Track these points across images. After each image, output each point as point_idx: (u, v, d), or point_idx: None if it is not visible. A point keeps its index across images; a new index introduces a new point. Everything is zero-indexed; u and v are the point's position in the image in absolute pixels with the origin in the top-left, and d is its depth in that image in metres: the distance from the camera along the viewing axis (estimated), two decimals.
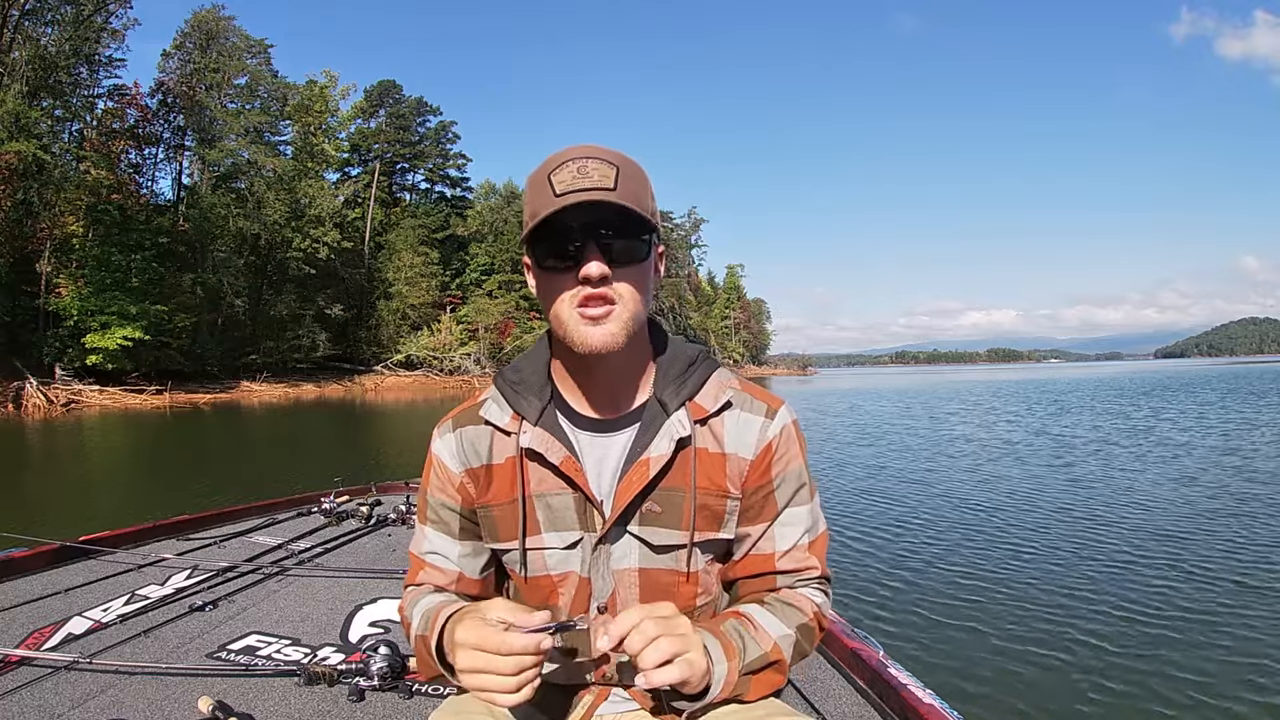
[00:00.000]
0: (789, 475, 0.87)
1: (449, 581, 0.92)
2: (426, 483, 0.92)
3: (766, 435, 0.86)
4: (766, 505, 0.87)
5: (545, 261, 0.79)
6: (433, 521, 0.92)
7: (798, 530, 0.88)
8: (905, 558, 5.03)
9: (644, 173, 0.81)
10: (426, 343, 45.41)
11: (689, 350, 0.90)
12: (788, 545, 0.87)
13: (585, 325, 0.78)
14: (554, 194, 0.75)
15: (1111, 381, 43.73)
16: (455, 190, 59.20)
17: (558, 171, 0.76)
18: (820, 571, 0.89)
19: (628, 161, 0.78)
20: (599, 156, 0.77)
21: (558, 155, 0.78)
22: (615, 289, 0.78)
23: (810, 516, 0.89)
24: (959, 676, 3.09)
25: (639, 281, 0.80)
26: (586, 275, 0.76)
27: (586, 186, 0.74)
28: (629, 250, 0.78)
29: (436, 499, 0.91)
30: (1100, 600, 4.01)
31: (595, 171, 0.75)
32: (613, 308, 0.78)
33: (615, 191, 0.75)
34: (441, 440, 0.91)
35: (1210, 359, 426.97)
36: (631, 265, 0.79)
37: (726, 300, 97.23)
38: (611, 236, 0.77)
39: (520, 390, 0.87)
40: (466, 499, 0.90)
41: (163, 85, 36.74)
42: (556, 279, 0.79)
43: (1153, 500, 6.86)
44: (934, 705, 1.44)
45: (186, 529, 3.17)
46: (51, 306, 27.86)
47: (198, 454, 12.82)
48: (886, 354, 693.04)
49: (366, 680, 1.64)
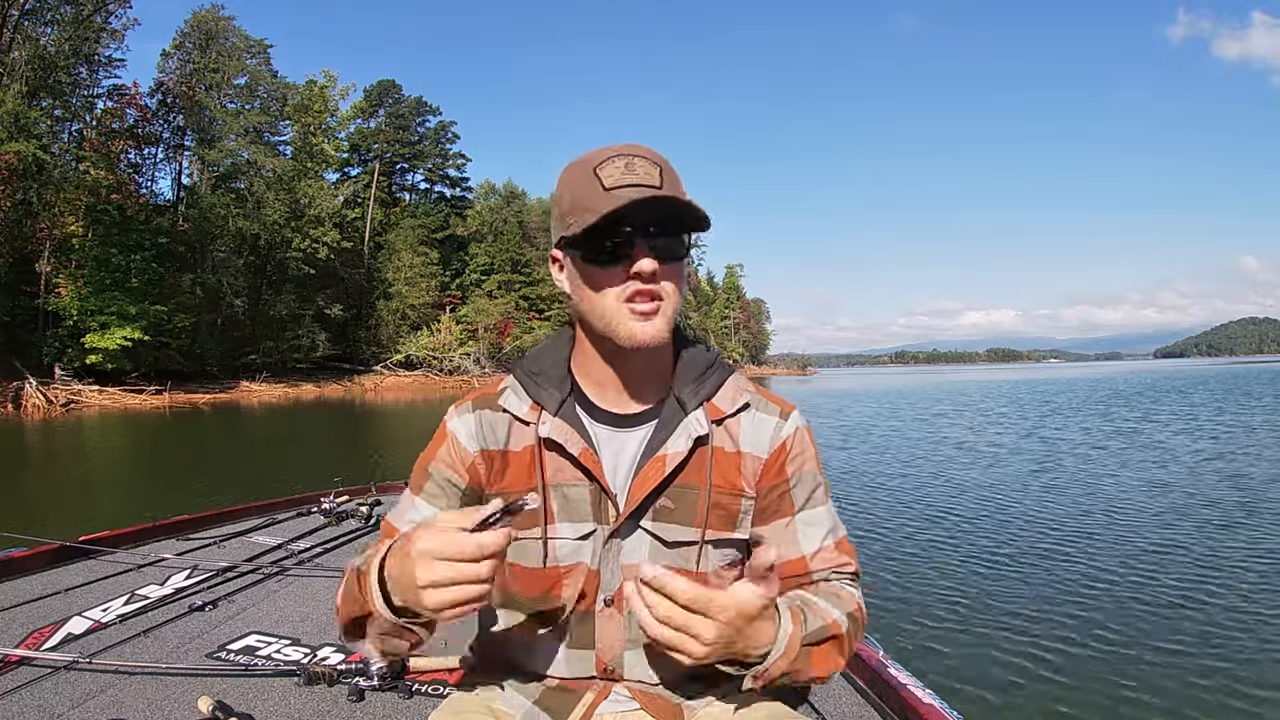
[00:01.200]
0: (804, 475, 0.88)
1: None
2: (430, 456, 0.89)
3: (781, 434, 0.87)
4: (783, 504, 0.87)
5: (593, 256, 0.79)
6: (429, 493, 0.88)
7: (821, 530, 0.88)
8: (905, 558, 5.04)
9: (677, 172, 0.82)
10: (426, 343, 45.40)
11: (706, 354, 0.91)
12: (815, 546, 0.87)
13: (635, 320, 0.78)
14: (603, 188, 0.75)
15: (1109, 382, 43.74)
16: (455, 190, 59.29)
17: (604, 166, 0.77)
18: (854, 568, 0.89)
19: (666, 161, 0.80)
20: (642, 154, 0.78)
21: (601, 151, 0.79)
22: (662, 285, 0.79)
23: (830, 517, 0.89)
24: (959, 677, 3.09)
25: (679, 278, 0.81)
26: (639, 271, 0.77)
27: (638, 183, 0.75)
28: (673, 247, 0.79)
29: (442, 473, 0.88)
30: (1099, 600, 4.02)
31: (641, 168, 0.76)
32: (660, 304, 0.79)
33: (662, 189, 0.76)
34: (459, 419, 0.89)
35: (1210, 359, 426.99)
36: (675, 262, 0.80)
37: (726, 300, 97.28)
38: (659, 234, 0.78)
39: (540, 381, 0.88)
40: (475, 480, 0.88)
41: (162, 85, 36.74)
42: (604, 274, 0.79)
43: (1152, 500, 6.87)
44: (934, 705, 1.44)
45: (186, 529, 3.17)
46: (51, 306, 27.84)
47: (197, 454, 12.82)
48: (886, 354, 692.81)
49: (366, 680, 1.65)
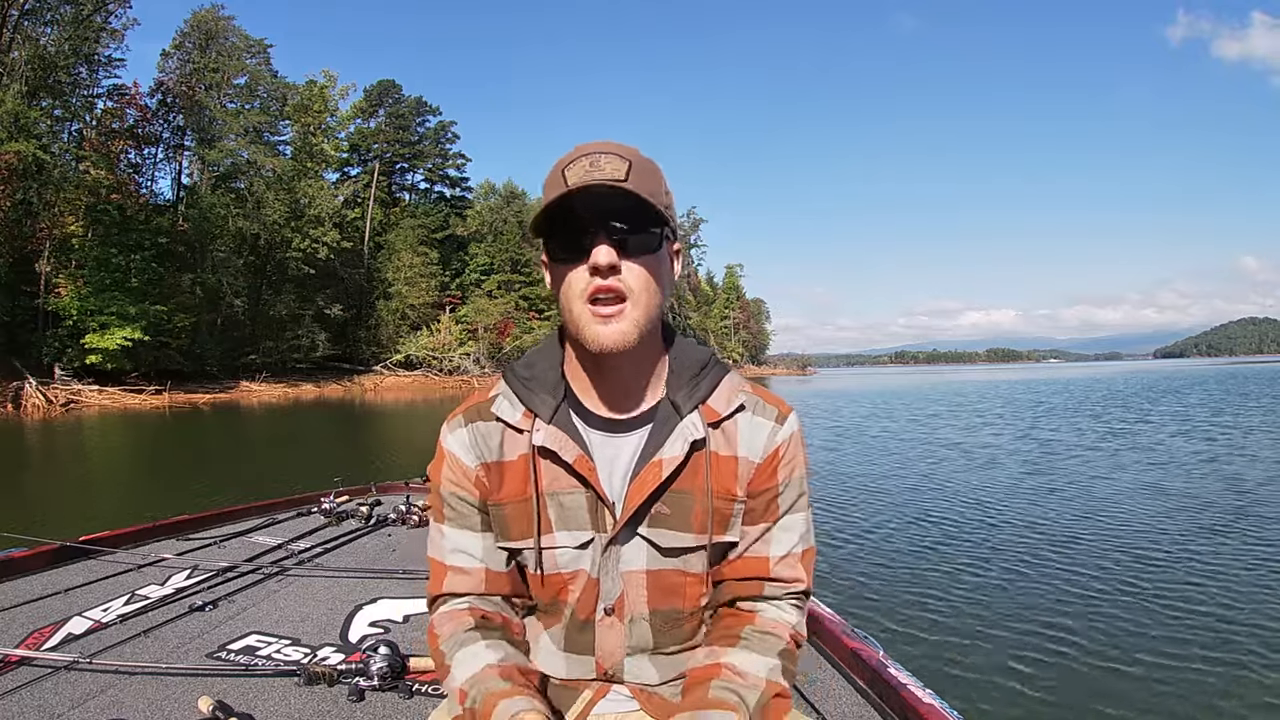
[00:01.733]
0: (793, 481, 0.87)
1: (477, 584, 0.88)
2: (439, 479, 0.88)
3: (776, 439, 0.86)
4: (769, 509, 0.87)
5: (557, 254, 0.79)
6: (451, 519, 0.88)
7: (793, 537, 0.87)
8: (905, 559, 5.03)
9: (658, 168, 0.80)
10: (426, 343, 45.37)
11: (701, 353, 0.89)
12: (783, 551, 0.87)
13: (597, 323, 0.77)
14: (565, 186, 0.75)
15: (1108, 382, 43.71)
16: (455, 190, 59.25)
17: (571, 166, 0.76)
18: (805, 585, 0.88)
19: (640, 156, 0.79)
20: (612, 151, 0.77)
21: (575, 149, 0.79)
22: (625, 281, 0.77)
23: (805, 525, 0.89)
24: (959, 677, 3.09)
25: (650, 274, 0.78)
26: (595, 264, 0.75)
27: (597, 178, 0.74)
28: (640, 242, 0.78)
29: (454, 494, 0.87)
30: (1099, 599, 4.02)
31: (608, 165, 0.75)
32: (624, 306, 0.77)
33: (626, 183, 0.74)
34: (453, 435, 0.88)
35: (1210, 359, 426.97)
36: (642, 256, 0.78)
37: (726, 300, 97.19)
38: (624, 230, 0.76)
39: (532, 387, 0.86)
40: (483, 492, 0.87)
41: (162, 85, 36.70)
42: (567, 271, 0.78)
43: (1151, 500, 6.86)
44: (934, 705, 1.44)
45: (186, 529, 3.17)
46: (51, 306, 27.81)
47: (197, 454, 12.81)
48: (886, 354, 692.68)
49: (366, 680, 1.64)
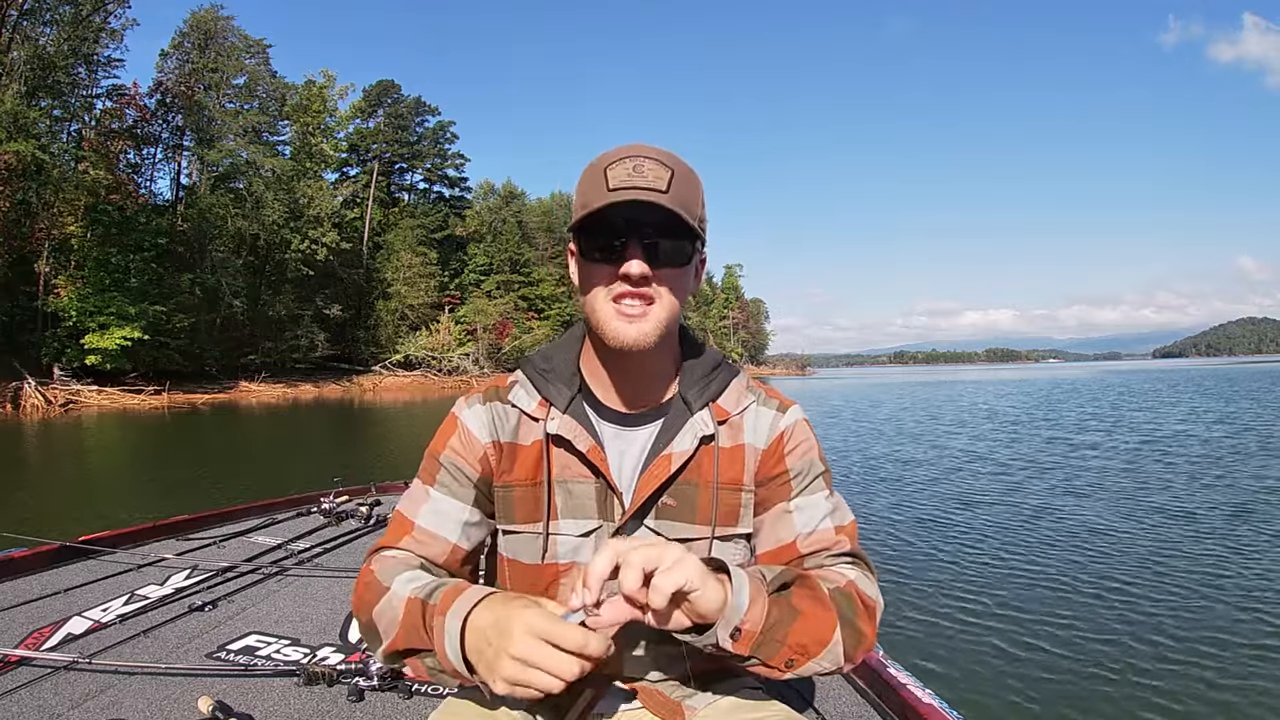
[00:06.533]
0: (803, 464, 0.88)
1: (439, 553, 0.84)
2: (440, 447, 0.88)
3: (779, 426, 0.88)
4: (780, 493, 0.88)
5: (589, 253, 0.80)
6: (442, 484, 0.86)
7: (817, 514, 0.86)
8: (905, 559, 5.03)
9: (697, 178, 0.81)
10: (425, 343, 45.37)
11: (713, 354, 0.92)
12: (809, 528, 0.85)
13: (620, 321, 0.79)
14: (607, 188, 0.76)
15: (1107, 381, 43.74)
16: (454, 190, 59.25)
17: (614, 166, 0.77)
18: (850, 547, 0.85)
19: (683, 165, 0.79)
20: (655, 157, 0.78)
21: (616, 150, 0.79)
22: (654, 289, 0.79)
23: (830, 503, 0.88)
24: (959, 676, 3.09)
25: (677, 285, 0.81)
26: (626, 273, 0.77)
27: (639, 185, 0.75)
28: (671, 253, 0.79)
29: (454, 463, 0.87)
30: (1099, 599, 4.02)
31: (650, 172, 0.76)
32: (650, 308, 0.79)
33: (667, 194, 0.75)
34: (470, 410, 0.89)
35: (1208, 359, 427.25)
36: (672, 268, 0.80)
37: (725, 300, 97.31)
38: (656, 237, 0.78)
39: (549, 378, 0.88)
40: (486, 470, 0.88)
41: (161, 85, 36.59)
42: (597, 271, 0.80)
43: (1149, 501, 6.86)
44: (934, 705, 1.44)
45: (186, 529, 3.16)
46: (50, 307, 27.76)
47: (197, 454, 12.80)
48: (885, 354, 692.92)
49: (366, 680, 1.64)
